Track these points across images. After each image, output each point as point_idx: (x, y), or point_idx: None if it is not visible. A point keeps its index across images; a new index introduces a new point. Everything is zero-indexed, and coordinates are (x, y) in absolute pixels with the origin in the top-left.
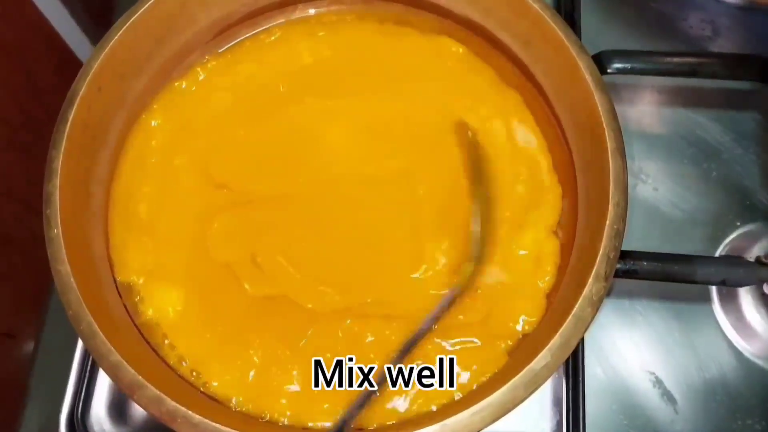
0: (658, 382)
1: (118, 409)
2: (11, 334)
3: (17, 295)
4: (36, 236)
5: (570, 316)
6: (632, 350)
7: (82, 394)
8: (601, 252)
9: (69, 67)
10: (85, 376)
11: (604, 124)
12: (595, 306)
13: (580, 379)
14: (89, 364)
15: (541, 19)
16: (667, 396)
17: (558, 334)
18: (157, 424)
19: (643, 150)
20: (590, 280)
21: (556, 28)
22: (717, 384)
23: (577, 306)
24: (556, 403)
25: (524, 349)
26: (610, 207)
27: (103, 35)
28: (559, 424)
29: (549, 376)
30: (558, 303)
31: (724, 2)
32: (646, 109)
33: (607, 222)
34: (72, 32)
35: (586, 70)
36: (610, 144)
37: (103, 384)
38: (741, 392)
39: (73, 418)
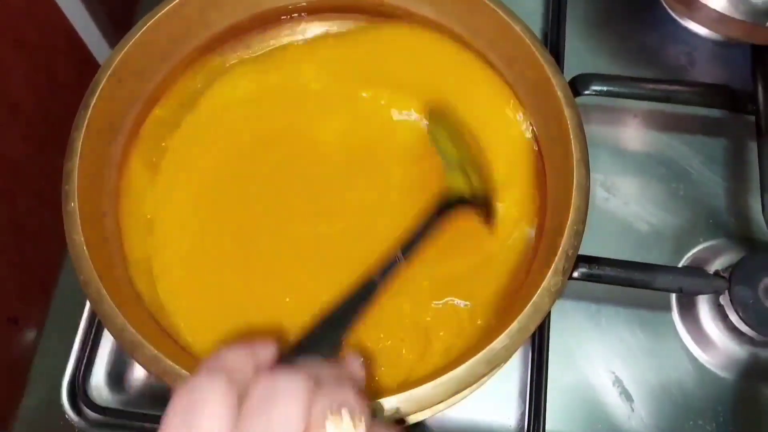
0: (618, 382)
1: (116, 378)
2: (16, 320)
3: (25, 284)
4: (47, 228)
5: (529, 305)
6: (596, 351)
7: (83, 364)
8: (561, 249)
9: (87, 67)
10: (86, 350)
11: (572, 137)
12: (553, 297)
13: (544, 373)
14: (91, 339)
15: (522, 42)
16: (625, 395)
17: (517, 320)
18: (150, 392)
19: (616, 167)
20: (549, 273)
21: (535, 50)
22: (672, 386)
23: (536, 295)
24: (522, 394)
25: (491, 332)
26: (572, 210)
27: (121, 38)
28: (523, 414)
29: (508, 357)
30: (522, 294)
31: (702, 36)
32: (622, 130)
33: (568, 223)
34: (92, 35)
35: (558, 87)
36: (575, 154)
37: (103, 355)
38: (694, 395)
39: (75, 385)
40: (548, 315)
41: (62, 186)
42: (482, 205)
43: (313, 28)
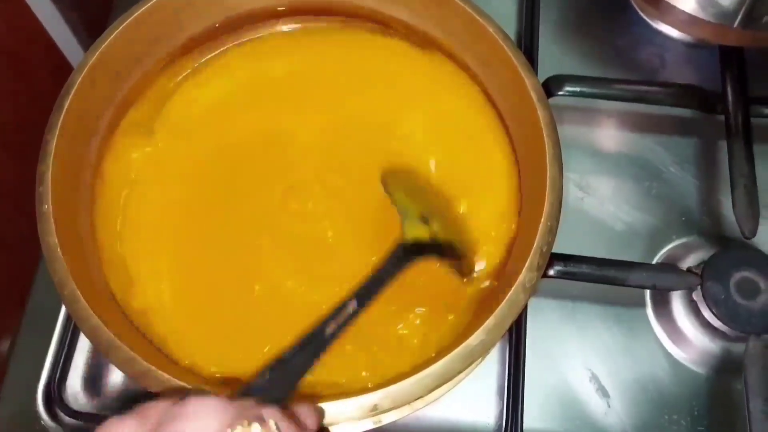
0: (595, 378)
1: (93, 383)
2: None
3: (1, 293)
4: (24, 237)
5: (504, 300)
6: (572, 348)
7: (59, 369)
8: (535, 245)
9: (63, 73)
10: (62, 354)
11: (545, 135)
12: (528, 293)
13: (521, 371)
14: (66, 343)
15: (495, 43)
16: (602, 391)
17: (493, 315)
18: (126, 396)
19: (592, 167)
20: (524, 270)
21: (508, 51)
22: (648, 382)
23: (511, 291)
24: (500, 393)
25: (467, 328)
26: (546, 205)
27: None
28: (501, 412)
29: (485, 353)
30: (497, 290)
31: (674, 39)
32: (596, 130)
33: (542, 219)
34: (68, 42)
35: (531, 87)
36: (548, 151)
37: (79, 359)
38: (669, 390)
39: (51, 390)
40: (524, 311)
41: (36, 188)
42: (452, 257)
43: (288, 29)
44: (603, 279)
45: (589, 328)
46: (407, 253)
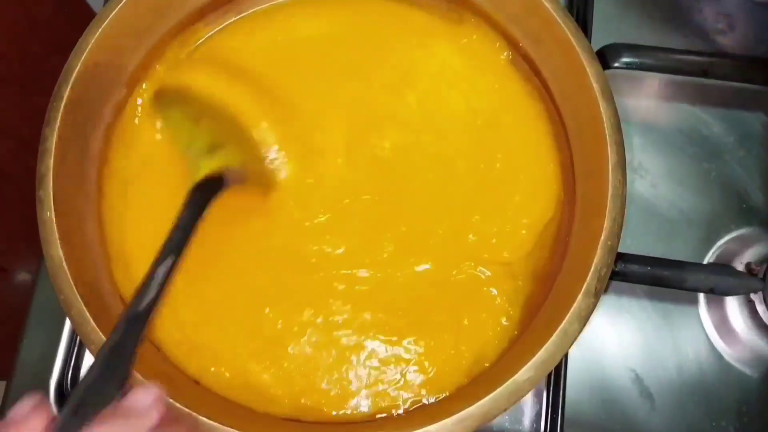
0: (638, 380)
1: None
2: (4, 268)
3: (11, 230)
4: (31, 172)
5: (557, 331)
6: (615, 346)
7: (71, 363)
8: (593, 267)
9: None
10: (74, 348)
11: (607, 137)
12: (583, 321)
13: (562, 372)
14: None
15: (552, 19)
16: (646, 393)
17: (543, 348)
18: None
19: (644, 144)
20: (580, 296)
21: (567, 31)
22: (695, 385)
23: (564, 321)
24: (537, 393)
25: (510, 357)
26: (606, 222)
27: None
28: (538, 414)
29: (532, 388)
30: (545, 313)
31: None
32: (649, 102)
33: (602, 237)
34: None
35: (593, 77)
36: (611, 157)
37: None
38: (718, 394)
39: (63, 386)
40: None
41: (36, 191)
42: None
43: None
44: (656, 281)
45: (633, 324)
46: (205, 191)
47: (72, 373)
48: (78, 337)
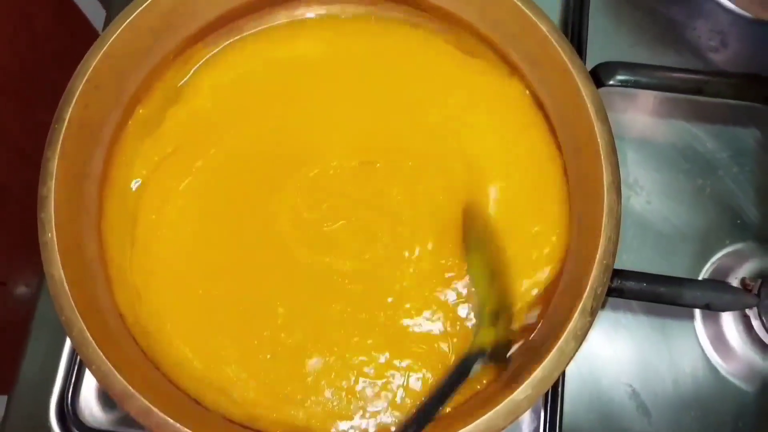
0: (635, 394)
1: (107, 395)
2: (2, 282)
3: (10, 243)
4: (30, 185)
5: (554, 350)
6: (612, 361)
7: (72, 380)
8: (589, 286)
9: (67, 13)
10: (74, 364)
11: (602, 157)
12: (579, 340)
13: (560, 389)
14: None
15: (547, 41)
16: (643, 408)
17: (540, 367)
18: None
19: (639, 160)
20: (576, 315)
21: (562, 53)
22: (692, 399)
23: (561, 340)
24: (535, 409)
25: (506, 376)
26: (602, 241)
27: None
28: (536, 430)
29: (529, 407)
30: (541, 332)
31: (735, 13)
32: (644, 119)
33: (597, 257)
34: None
35: (588, 99)
36: (606, 178)
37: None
38: (714, 409)
39: (63, 403)
40: None
41: (37, 213)
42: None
43: (312, 12)
44: (653, 297)
45: (629, 339)
46: (471, 361)
47: (72, 390)
48: (77, 352)
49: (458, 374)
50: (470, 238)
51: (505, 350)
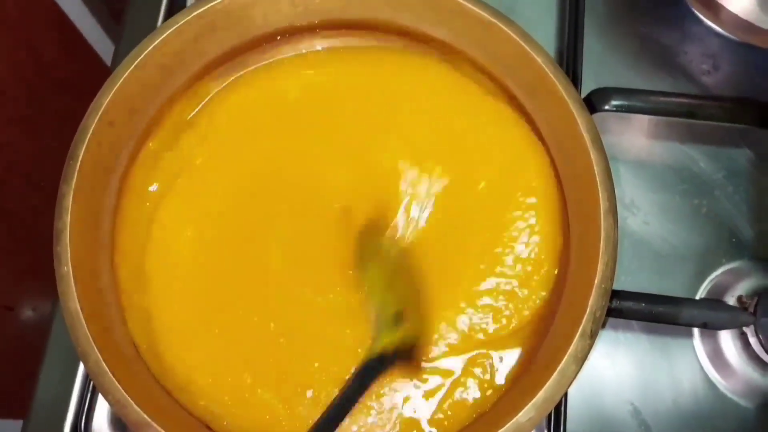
0: (636, 412)
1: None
2: (10, 307)
3: (18, 269)
4: (38, 210)
5: (555, 373)
6: (613, 380)
7: (86, 405)
8: (588, 310)
9: (72, 41)
10: (88, 389)
11: (599, 184)
12: (580, 363)
13: (562, 409)
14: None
15: (543, 72)
16: (644, 426)
17: (542, 389)
18: None
19: (636, 182)
20: (576, 338)
21: (557, 83)
22: (692, 417)
23: (562, 363)
24: (539, 428)
25: (511, 398)
26: (600, 266)
27: (106, 8)
28: None
29: (532, 428)
30: (543, 355)
31: (726, 37)
32: (640, 141)
33: (596, 281)
34: (75, 7)
35: (584, 127)
36: (603, 204)
37: None
38: (714, 426)
39: (77, 428)
40: None
41: (53, 246)
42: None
43: (317, 46)
44: (651, 317)
45: (630, 358)
46: (377, 365)
47: (86, 415)
48: (92, 381)
49: (360, 380)
50: (364, 253)
51: (412, 349)
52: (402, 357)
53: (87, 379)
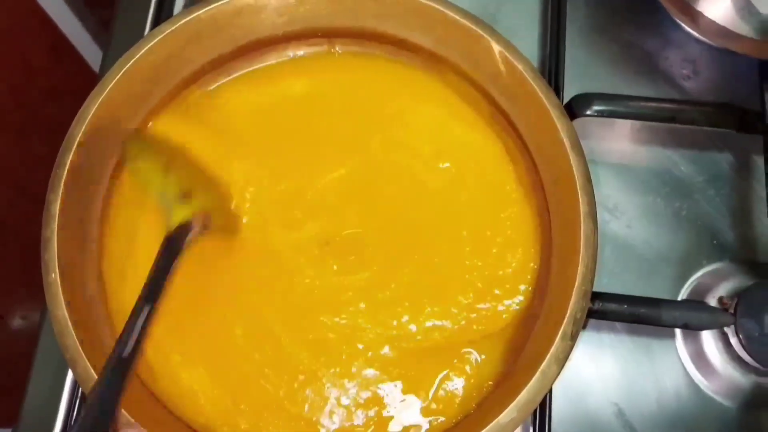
0: (621, 413)
1: None
2: (0, 315)
3: (7, 277)
4: (28, 219)
5: (537, 373)
6: (598, 381)
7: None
8: (568, 312)
9: (62, 49)
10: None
11: (578, 188)
12: (561, 363)
13: (547, 410)
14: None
15: (524, 79)
16: (629, 427)
17: (525, 390)
18: None
19: (618, 186)
20: (557, 340)
21: (538, 90)
22: (675, 417)
23: (543, 363)
24: (524, 428)
25: (493, 399)
26: (580, 269)
27: (94, 16)
28: None
29: (515, 429)
30: (526, 357)
31: (703, 42)
32: (622, 145)
33: (576, 284)
34: (64, 15)
35: (564, 132)
36: (583, 208)
37: None
38: (698, 425)
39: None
40: None
41: (41, 254)
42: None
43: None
44: (633, 318)
45: (613, 359)
46: (178, 239)
47: (75, 423)
48: (81, 388)
49: (168, 253)
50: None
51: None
52: (201, 225)
53: (76, 386)
